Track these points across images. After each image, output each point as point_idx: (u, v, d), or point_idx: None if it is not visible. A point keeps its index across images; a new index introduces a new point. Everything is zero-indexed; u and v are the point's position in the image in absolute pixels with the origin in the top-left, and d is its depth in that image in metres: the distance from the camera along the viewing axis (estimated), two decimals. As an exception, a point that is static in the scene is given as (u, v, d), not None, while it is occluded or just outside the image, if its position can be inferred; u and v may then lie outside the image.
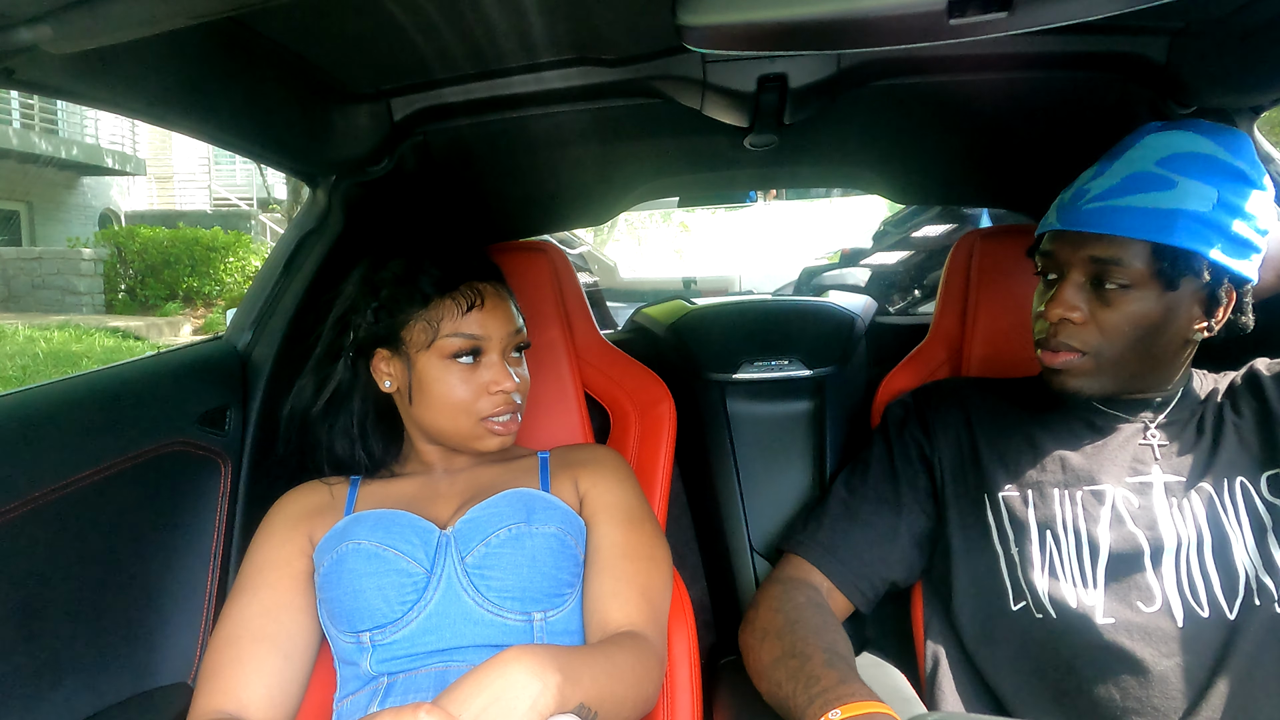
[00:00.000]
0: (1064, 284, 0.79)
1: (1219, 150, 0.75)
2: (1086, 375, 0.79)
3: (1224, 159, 0.74)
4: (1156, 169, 0.75)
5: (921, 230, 4.44)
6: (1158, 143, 0.76)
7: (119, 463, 0.79)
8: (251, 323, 1.01)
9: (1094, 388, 0.80)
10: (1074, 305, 0.78)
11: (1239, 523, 0.74)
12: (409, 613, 0.77)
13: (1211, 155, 0.74)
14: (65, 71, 0.64)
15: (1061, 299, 0.78)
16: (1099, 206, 0.76)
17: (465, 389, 0.84)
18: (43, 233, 9.66)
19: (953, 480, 0.87)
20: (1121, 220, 0.74)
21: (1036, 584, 0.77)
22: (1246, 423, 0.80)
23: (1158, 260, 0.74)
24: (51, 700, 0.71)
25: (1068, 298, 0.78)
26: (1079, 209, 0.78)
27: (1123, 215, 0.74)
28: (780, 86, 0.88)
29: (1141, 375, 0.80)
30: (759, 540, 1.20)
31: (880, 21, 0.55)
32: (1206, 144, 0.75)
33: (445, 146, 1.05)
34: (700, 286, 5.98)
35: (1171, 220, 0.72)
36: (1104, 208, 0.76)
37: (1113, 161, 0.78)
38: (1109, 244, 0.75)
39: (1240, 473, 0.77)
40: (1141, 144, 0.77)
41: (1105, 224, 0.75)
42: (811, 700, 0.66)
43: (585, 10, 0.76)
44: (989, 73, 0.92)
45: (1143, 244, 0.74)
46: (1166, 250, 0.73)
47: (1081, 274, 0.78)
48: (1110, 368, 0.79)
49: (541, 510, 0.83)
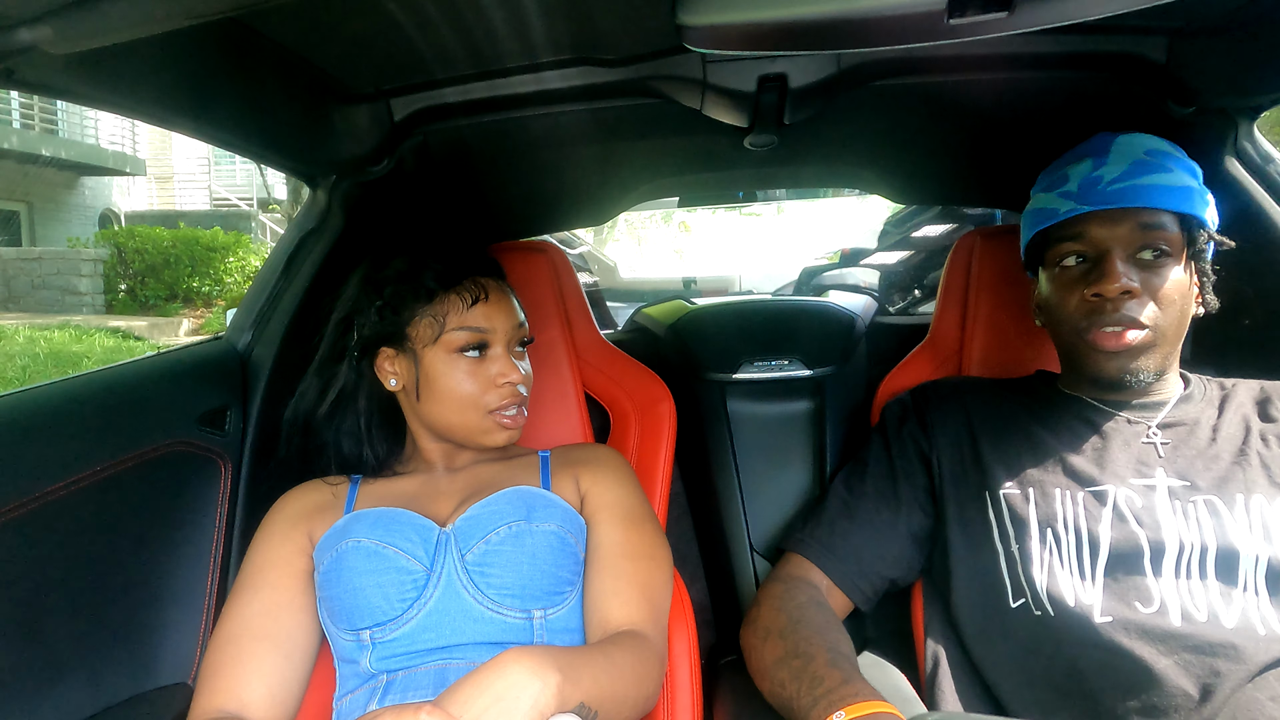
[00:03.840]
0: (1110, 260, 0.79)
1: (1173, 149, 0.83)
2: (1148, 352, 0.80)
3: (1180, 155, 0.82)
4: (1147, 157, 0.81)
5: (921, 230, 4.44)
6: (1131, 140, 0.83)
7: (119, 463, 0.79)
8: (251, 323, 1.02)
9: (1152, 366, 0.80)
10: (1131, 277, 0.79)
11: (1249, 538, 0.73)
12: (409, 610, 0.77)
13: (1170, 152, 0.82)
14: (65, 71, 0.64)
15: (1114, 272, 0.78)
16: (1126, 185, 0.80)
17: (472, 383, 0.84)
18: (43, 233, 9.66)
19: (952, 478, 0.87)
20: (1153, 194, 0.79)
21: (1036, 581, 0.77)
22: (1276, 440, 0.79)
23: (1185, 229, 0.80)
24: (51, 700, 0.71)
25: (1121, 270, 0.78)
26: (1104, 191, 0.80)
27: (1152, 190, 0.79)
28: (780, 86, 0.88)
29: (1173, 351, 0.83)
30: (759, 540, 1.20)
31: (880, 21, 0.55)
32: (1164, 144, 0.83)
33: (445, 146, 1.05)
34: (700, 286, 5.97)
35: (1187, 194, 0.79)
36: (1132, 186, 0.79)
37: (1105, 154, 0.82)
38: (1152, 213, 0.79)
39: (1259, 490, 0.75)
40: (1119, 141, 0.83)
41: (1142, 198, 0.79)
42: (816, 701, 0.66)
43: (585, 10, 0.76)
44: (989, 73, 0.92)
45: (1172, 215, 0.79)
46: (1190, 219, 0.80)
47: (1126, 248, 0.80)
48: (1165, 342, 0.81)
49: (542, 508, 0.83)
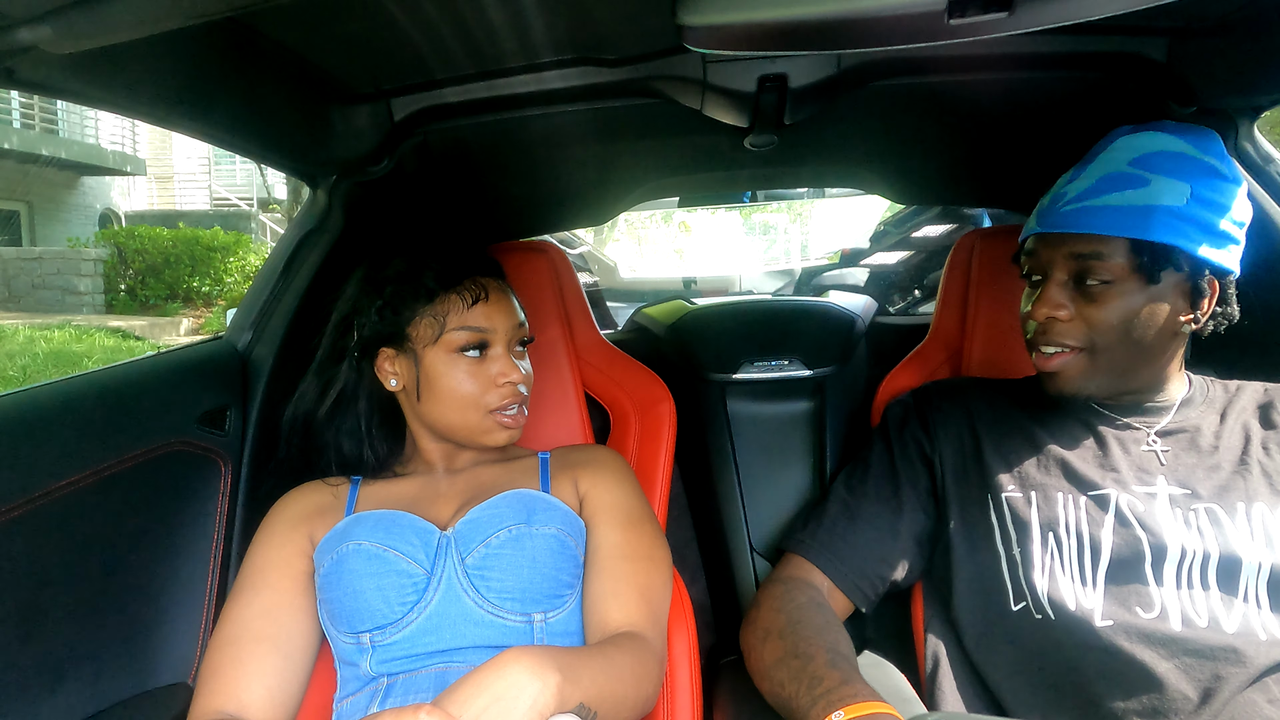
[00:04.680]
0: (1048, 284, 0.81)
1: (1189, 148, 0.77)
2: (1081, 374, 0.81)
3: (1194, 155, 0.77)
4: (1129, 169, 0.77)
5: (921, 230, 4.44)
6: (1129, 144, 0.79)
7: (119, 462, 0.79)
8: (251, 323, 1.01)
9: (1090, 387, 0.81)
10: (1059, 303, 0.79)
11: (1250, 546, 0.73)
12: (409, 613, 0.77)
13: (1181, 153, 0.77)
14: (65, 71, 0.64)
15: (1047, 298, 0.80)
16: (1076, 208, 0.79)
17: (473, 383, 0.84)
18: (43, 233, 9.66)
19: (954, 480, 0.87)
20: (1098, 219, 0.77)
21: (1037, 585, 0.77)
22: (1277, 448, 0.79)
23: (1137, 255, 0.76)
24: (51, 700, 0.71)
25: (1052, 296, 0.80)
26: (1057, 211, 0.80)
27: (1099, 214, 0.77)
28: (780, 87, 0.88)
29: (1135, 371, 0.81)
30: (759, 540, 1.20)
31: (880, 21, 0.55)
32: (1177, 142, 0.77)
33: (445, 146, 1.05)
34: (700, 286, 5.98)
35: (1147, 216, 0.75)
36: (1081, 208, 0.78)
37: (1087, 165, 0.81)
38: (1088, 241, 0.78)
39: (1260, 498, 0.76)
40: (1113, 146, 0.80)
41: (1083, 224, 0.78)
42: (815, 701, 0.66)
43: (585, 10, 0.76)
44: (989, 73, 0.92)
45: (1121, 240, 0.76)
46: (1144, 245, 0.76)
47: (1064, 272, 0.80)
48: (1104, 364, 0.80)
49: (542, 511, 0.83)
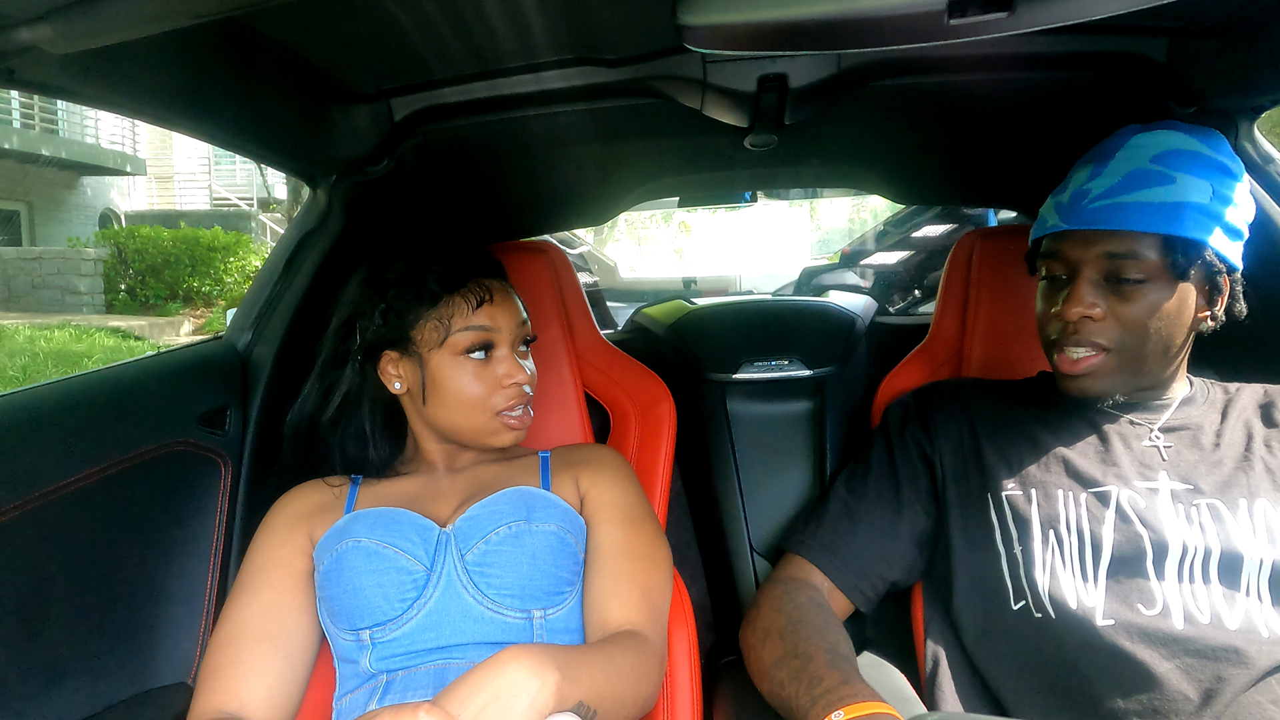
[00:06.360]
0: (1079, 282, 0.79)
1: (1203, 147, 0.78)
2: (1108, 374, 0.80)
3: (1209, 155, 0.77)
4: (1153, 166, 0.77)
5: (921, 230, 4.45)
6: (1147, 142, 0.78)
7: (119, 462, 0.79)
8: (251, 323, 1.01)
9: (1115, 387, 0.80)
10: (1093, 302, 0.78)
11: (1252, 542, 0.73)
12: (409, 610, 0.77)
13: (1198, 151, 0.77)
14: (65, 71, 0.64)
15: (1078, 297, 0.78)
16: (1106, 204, 0.77)
17: (479, 384, 0.84)
18: (43, 233, 9.66)
19: (954, 479, 0.87)
20: (1132, 215, 0.76)
21: (1038, 583, 0.77)
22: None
23: (1169, 252, 0.76)
24: (51, 700, 0.71)
25: (1085, 295, 0.78)
26: (1085, 209, 0.79)
27: (1132, 211, 0.76)
28: (780, 87, 0.88)
29: (1151, 369, 0.81)
30: (759, 540, 1.20)
31: (880, 21, 0.55)
32: (1191, 141, 0.78)
33: (445, 146, 1.05)
34: (700, 286, 5.98)
35: (1178, 212, 0.75)
36: (1112, 205, 0.77)
37: (1107, 161, 0.80)
38: (1122, 239, 0.77)
39: (1263, 495, 0.75)
40: (1130, 144, 0.79)
41: (1117, 220, 0.77)
42: (814, 701, 0.66)
43: (585, 10, 0.76)
44: (989, 73, 0.92)
45: (1154, 237, 0.76)
46: (1177, 241, 0.75)
47: (1096, 271, 0.79)
48: (1130, 364, 0.79)
49: (542, 508, 0.83)
